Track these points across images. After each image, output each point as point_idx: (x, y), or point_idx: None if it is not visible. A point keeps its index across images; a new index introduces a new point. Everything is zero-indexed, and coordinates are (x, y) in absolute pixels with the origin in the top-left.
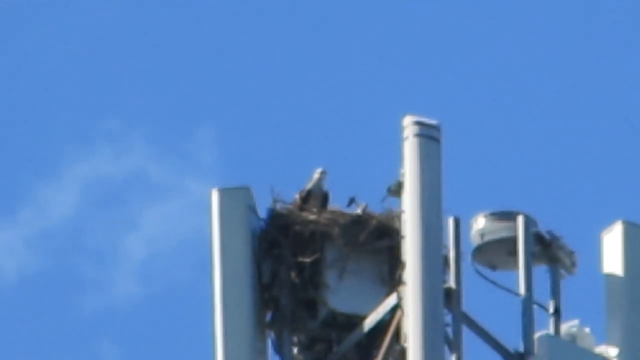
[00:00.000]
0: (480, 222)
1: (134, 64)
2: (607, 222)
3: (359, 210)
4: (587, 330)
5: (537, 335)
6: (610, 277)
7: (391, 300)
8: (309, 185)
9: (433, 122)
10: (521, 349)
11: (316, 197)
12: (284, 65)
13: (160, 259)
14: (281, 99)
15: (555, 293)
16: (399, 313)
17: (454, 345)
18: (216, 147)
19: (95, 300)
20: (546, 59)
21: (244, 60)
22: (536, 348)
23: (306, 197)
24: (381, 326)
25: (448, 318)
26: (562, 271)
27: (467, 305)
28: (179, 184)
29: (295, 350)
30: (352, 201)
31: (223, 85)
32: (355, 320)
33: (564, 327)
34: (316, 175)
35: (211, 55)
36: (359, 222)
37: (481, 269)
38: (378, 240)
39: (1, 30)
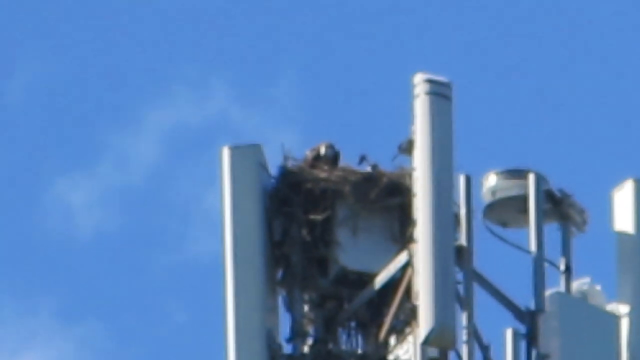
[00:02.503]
0: (491, 180)
1: (208, 8)
2: (618, 180)
3: (368, 169)
4: (598, 287)
5: (548, 292)
6: (622, 234)
7: (402, 257)
8: (320, 146)
9: (444, 79)
10: (532, 306)
11: (326, 156)
12: (293, 23)
13: None
14: (296, 54)
15: (566, 251)
16: (409, 271)
17: (465, 302)
18: (299, 92)
19: (172, 258)
20: (558, 17)
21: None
22: (547, 305)
23: (317, 156)
24: (392, 284)
25: (459, 276)
26: (573, 229)
27: (478, 262)
28: (262, 130)
29: (306, 307)
30: (363, 159)
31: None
32: (366, 278)
33: (575, 285)
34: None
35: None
36: (370, 179)
37: (492, 226)
38: (389, 198)
39: None
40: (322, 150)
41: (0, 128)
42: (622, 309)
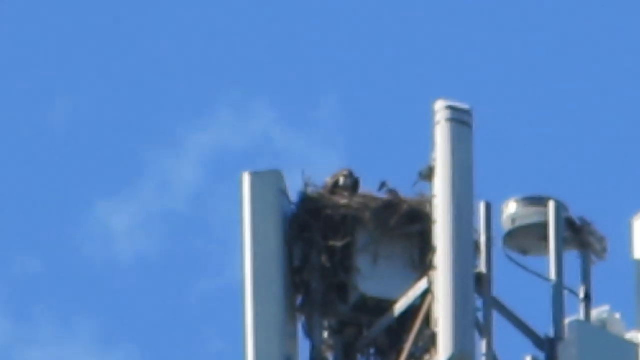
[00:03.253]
0: (511, 207)
1: (251, 30)
2: (638, 208)
3: (386, 195)
4: (617, 316)
5: (567, 320)
6: None
7: (422, 284)
8: (339, 176)
9: (465, 106)
10: (551, 334)
11: (345, 186)
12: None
13: None
14: (337, 77)
15: (586, 278)
16: (429, 298)
17: (485, 330)
18: (341, 115)
19: (212, 283)
20: (578, 43)
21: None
22: (566, 333)
23: (336, 183)
24: (412, 311)
25: (479, 303)
26: (593, 257)
27: (498, 290)
28: (304, 152)
29: (325, 334)
30: (383, 185)
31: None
32: (386, 305)
33: (595, 313)
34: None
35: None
36: (390, 206)
37: (512, 254)
38: (409, 225)
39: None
40: (341, 181)
41: (43, 151)
42: None
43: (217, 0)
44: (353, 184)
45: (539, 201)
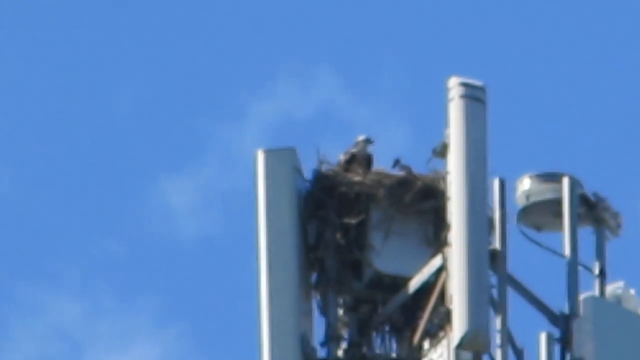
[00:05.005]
0: (525, 184)
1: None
2: None
3: (400, 172)
4: (632, 291)
5: (582, 296)
6: None
7: (436, 261)
8: (353, 150)
9: (479, 83)
10: (566, 310)
11: (360, 160)
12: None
13: None
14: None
15: (600, 254)
16: (444, 274)
17: (499, 306)
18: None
19: None
20: (591, 20)
21: None
22: (581, 310)
23: (350, 160)
24: (426, 288)
25: (493, 279)
26: (607, 233)
27: (512, 266)
28: (368, 120)
29: (340, 311)
30: (397, 162)
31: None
32: (401, 282)
33: (609, 289)
34: (359, 141)
35: None
36: (404, 183)
37: (526, 230)
38: (423, 202)
39: None
40: (359, 146)
41: (105, 129)
42: None
43: None
44: (366, 160)
45: (553, 177)
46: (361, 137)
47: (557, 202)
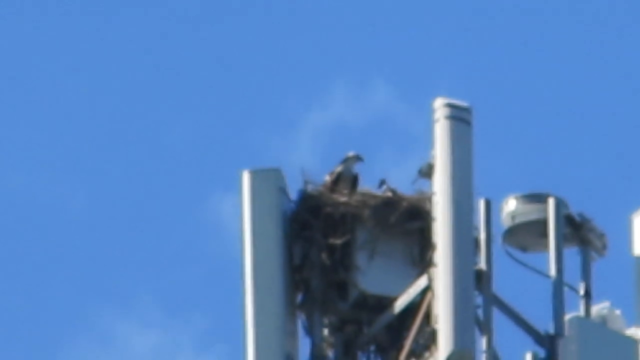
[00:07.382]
0: (511, 204)
1: (366, 6)
2: (638, 204)
3: (387, 193)
4: (617, 312)
5: (567, 317)
6: None
7: (422, 282)
8: (339, 168)
9: (464, 104)
10: (551, 330)
11: (346, 179)
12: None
13: None
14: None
15: (585, 275)
16: (429, 295)
17: (485, 326)
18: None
19: None
20: (576, 41)
21: None
22: (567, 330)
23: (336, 180)
24: (412, 308)
25: (478, 300)
26: (592, 253)
27: (498, 287)
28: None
29: (325, 331)
30: (382, 183)
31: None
32: (386, 302)
33: (595, 309)
34: (350, 157)
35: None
36: (389, 203)
37: (512, 250)
38: (409, 222)
39: None
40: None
41: (158, 139)
42: None
43: None
44: (352, 180)
45: (538, 198)
46: (351, 153)
47: (543, 223)
